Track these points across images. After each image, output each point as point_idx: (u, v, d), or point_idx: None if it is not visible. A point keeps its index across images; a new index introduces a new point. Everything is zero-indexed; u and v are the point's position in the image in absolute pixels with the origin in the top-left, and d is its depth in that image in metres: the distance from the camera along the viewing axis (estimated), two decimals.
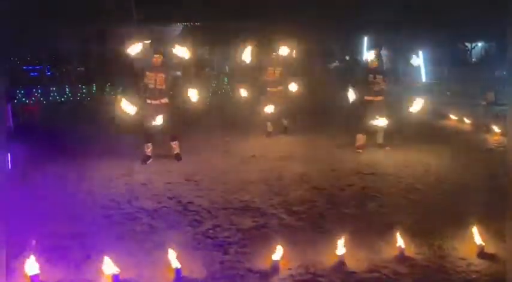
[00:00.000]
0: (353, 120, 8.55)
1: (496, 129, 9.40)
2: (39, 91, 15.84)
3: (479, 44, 20.42)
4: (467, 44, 20.19)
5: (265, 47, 9.13)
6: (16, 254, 4.17)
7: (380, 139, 8.39)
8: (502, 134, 9.05)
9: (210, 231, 4.88)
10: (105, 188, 6.32)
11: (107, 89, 16.62)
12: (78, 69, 19.26)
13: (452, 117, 11.38)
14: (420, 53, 13.62)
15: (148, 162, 7.53)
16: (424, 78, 12.88)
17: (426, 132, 9.31)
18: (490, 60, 17.65)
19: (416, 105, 8.01)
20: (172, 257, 4.01)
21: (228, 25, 18.27)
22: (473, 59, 20.35)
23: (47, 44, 18.04)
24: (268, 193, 6.04)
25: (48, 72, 19.23)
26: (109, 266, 3.88)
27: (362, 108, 8.09)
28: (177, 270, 3.89)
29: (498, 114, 10.96)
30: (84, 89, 16.77)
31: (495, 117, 10.57)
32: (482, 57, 20.00)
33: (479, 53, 20.59)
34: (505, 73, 14.06)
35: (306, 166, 7.29)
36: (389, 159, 7.65)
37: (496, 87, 14.17)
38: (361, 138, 8.26)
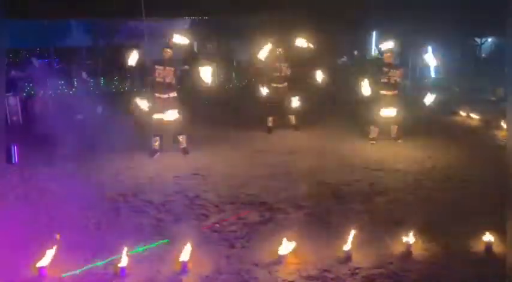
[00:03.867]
0: (364, 114, 8.55)
1: (505, 125, 9.31)
2: (48, 84, 15.85)
3: (489, 39, 20.21)
4: (477, 39, 19.99)
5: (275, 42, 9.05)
6: (23, 246, 4.22)
7: (393, 132, 8.40)
8: None
9: (217, 225, 4.89)
10: (112, 181, 6.36)
11: (115, 82, 16.65)
12: (87, 62, 19.28)
13: (462, 113, 11.29)
14: (429, 48, 13.53)
15: (155, 155, 7.56)
16: (433, 74, 12.77)
17: (435, 128, 9.25)
18: (500, 56, 17.47)
19: (429, 98, 8.19)
20: (179, 251, 4.02)
21: (234, 19, 18.21)
22: (482, 55, 20.15)
23: (56, 37, 18.07)
24: (275, 188, 6.04)
25: (57, 65, 19.27)
26: (116, 258, 3.90)
27: (376, 102, 8.13)
28: (184, 264, 3.91)
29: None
30: (92, 82, 16.80)
31: (505, 113, 10.46)
32: (492, 53, 19.79)
33: (489, 49, 20.38)
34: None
35: (314, 161, 7.28)
36: (397, 155, 7.61)
37: (505, 83, 14.02)
38: (374, 131, 8.38)
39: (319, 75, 8.84)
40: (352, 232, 4.29)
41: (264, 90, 9.09)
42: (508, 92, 3.79)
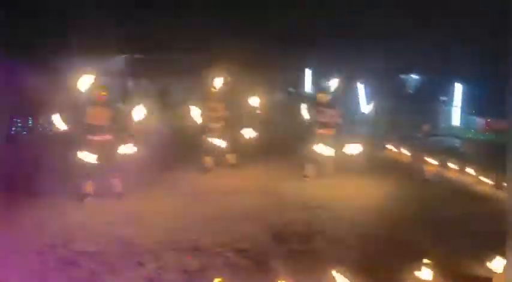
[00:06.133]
0: (301, 151, 8.66)
1: (431, 160, 9.65)
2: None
3: (413, 76, 21.24)
4: (402, 76, 20.97)
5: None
6: None
7: (329, 169, 8.51)
8: (440, 165, 9.38)
9: (153, 274, 4.68)
10: (37, 231, 5.90)
11: (42, 122, 15.86)
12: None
13: (391, 148, 11.71)
14: (359, 84, 14.07)
15: (86, 200, 7.19)
16: (364, 110, 13.24)
17: (367, 164, 9.46)
18: (425, 92, 18.43)
19: (353, 149, 8.22)
20: None
21: (167, 57, 18.17)
22: (409, 91, 21.13)
23: None
24: (215, 230, 5.93)
25: None
26: None
27: (312, 140, 8.25)
28: None
29: (434, 145, 11.35)
30: (19, 122, 15.99)
31: (431, 149, 10.93)
32: (417, 89, 20.83)
33: (414, 85, 21.43)
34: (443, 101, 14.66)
35: (253, 200, 7.25)
36: (334, 192, 7.71)
37: (432, 119, 14.72)
38: (309, 167, 8.46)
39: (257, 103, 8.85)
40: (290, 275, 4.23)
41: (202, 130, 8.99)
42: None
